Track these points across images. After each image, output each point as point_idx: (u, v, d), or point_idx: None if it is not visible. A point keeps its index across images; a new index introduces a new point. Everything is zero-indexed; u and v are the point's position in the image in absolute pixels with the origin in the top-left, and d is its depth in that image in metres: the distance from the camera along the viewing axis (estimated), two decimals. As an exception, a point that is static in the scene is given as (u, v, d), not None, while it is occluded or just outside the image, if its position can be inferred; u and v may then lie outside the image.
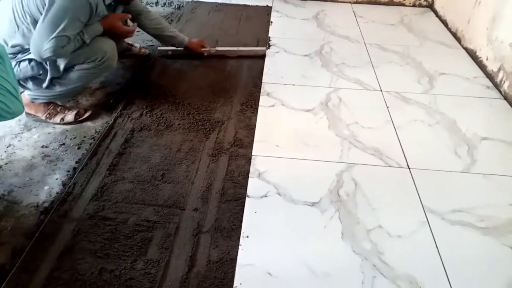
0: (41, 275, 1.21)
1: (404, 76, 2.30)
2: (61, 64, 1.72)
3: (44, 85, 1.76)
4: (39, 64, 1.71)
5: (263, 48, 2.49)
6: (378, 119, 1.94)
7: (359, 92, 2.15)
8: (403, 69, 2.37)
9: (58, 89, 1.80)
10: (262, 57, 2.44)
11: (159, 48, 2.46)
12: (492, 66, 2.27)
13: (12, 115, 1.28)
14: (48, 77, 1.74)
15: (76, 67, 1.75)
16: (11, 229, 1.36)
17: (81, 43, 1.69)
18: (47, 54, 1.60)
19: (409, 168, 1.65)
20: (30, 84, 1.77)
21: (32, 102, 1.83)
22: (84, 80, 1.82)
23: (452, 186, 1.57)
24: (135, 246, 1.31)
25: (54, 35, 1.58)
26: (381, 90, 2.16)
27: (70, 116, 1.84)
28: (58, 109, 1.86)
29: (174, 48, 2.41)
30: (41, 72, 1.73)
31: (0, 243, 1.31)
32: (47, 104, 1.85)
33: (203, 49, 2.42)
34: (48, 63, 1.71)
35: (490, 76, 2.28)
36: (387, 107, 2.02)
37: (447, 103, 2.06)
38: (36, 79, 1.76)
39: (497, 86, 2.20)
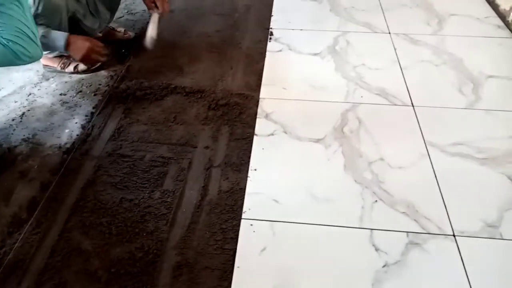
0: (67, 204, 1.33)
1: (414, 18, 2.28)
2: None
3: None
4: None
5: None
6: (385, 60, 1.95)
7: (367, 35, 2.15)
8: (413, 12, 2.34)
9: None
10: None
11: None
12: (504, 5, 2.22)
13: (31, 58, 1.36)
14: None
15: None
16: (38, 167, 1.48)
17: None
18: None
19: (413, 106, 1.69)
20: None
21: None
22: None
23: (454, 121, 1.61)
24: (152, 179, 1.41)
25: None
26: (389, 33, 2.15)
27: (82, 65, 1.91)
28: (71, 59, 1.93)
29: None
30: None
31: (29, 179, 1.43)
32: (60, 56, 1.92)
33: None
34: None
35: (502, 16, 2.23)
36: (395, 49, 2.03)
37: (455, 43, 2.05)
38: None
39: (508, 25, 2.16)
